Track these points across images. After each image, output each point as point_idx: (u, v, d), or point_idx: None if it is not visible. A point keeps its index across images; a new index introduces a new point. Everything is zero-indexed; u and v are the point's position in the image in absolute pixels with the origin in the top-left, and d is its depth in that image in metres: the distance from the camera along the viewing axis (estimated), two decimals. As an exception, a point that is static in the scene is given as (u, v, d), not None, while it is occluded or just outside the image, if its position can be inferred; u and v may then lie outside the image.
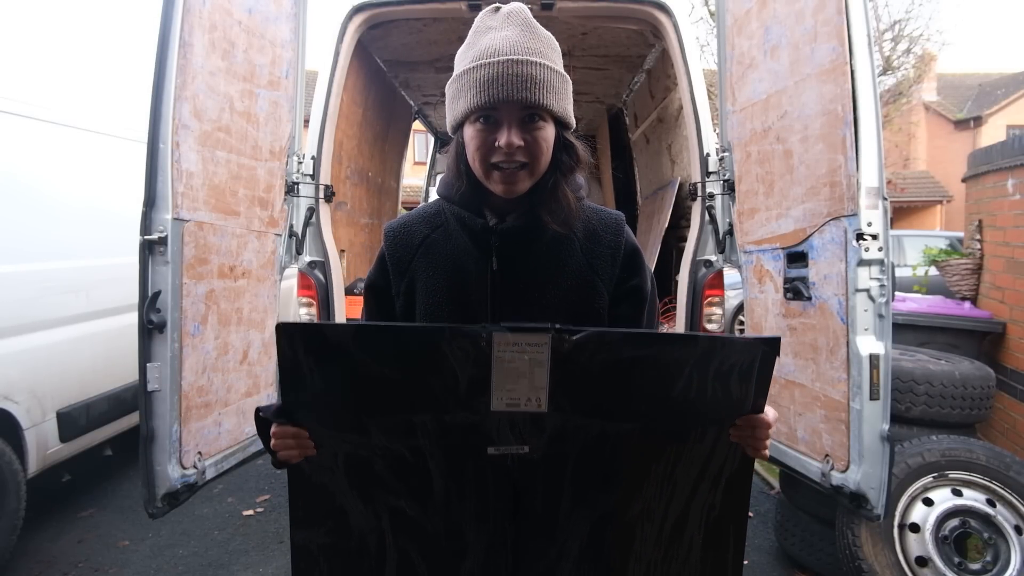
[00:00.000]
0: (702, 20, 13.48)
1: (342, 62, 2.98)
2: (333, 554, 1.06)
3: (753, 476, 1.12)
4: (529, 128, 1.06)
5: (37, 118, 3.14)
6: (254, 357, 2.53)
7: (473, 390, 0.98)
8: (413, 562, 1.05)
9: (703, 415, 1.01)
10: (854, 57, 1.97)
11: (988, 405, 2.69)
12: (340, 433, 1.01)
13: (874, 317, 1.98)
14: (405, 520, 1.04)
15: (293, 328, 0.99)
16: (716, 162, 2.80)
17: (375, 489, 1.03)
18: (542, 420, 0.99)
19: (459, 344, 0.96)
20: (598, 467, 1.03)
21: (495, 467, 1.01)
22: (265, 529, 3.24)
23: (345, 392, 1.00)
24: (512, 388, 0.98)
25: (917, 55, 14.88)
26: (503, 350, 0.96)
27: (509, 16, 1.07)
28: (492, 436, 1.00)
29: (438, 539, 1.05)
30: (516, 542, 1.05)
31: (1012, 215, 3.30)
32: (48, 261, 3.14)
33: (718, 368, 0.97)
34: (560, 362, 0.96)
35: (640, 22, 3.15)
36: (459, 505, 1.03)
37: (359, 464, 1.02)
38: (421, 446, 1.01)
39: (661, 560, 1.06)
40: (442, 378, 0.97)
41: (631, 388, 1.00)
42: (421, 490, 1.03)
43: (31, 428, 2.91)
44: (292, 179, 2.74)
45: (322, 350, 0.98)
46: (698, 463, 1.03)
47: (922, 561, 2.24)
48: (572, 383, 0.98)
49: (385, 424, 1.00)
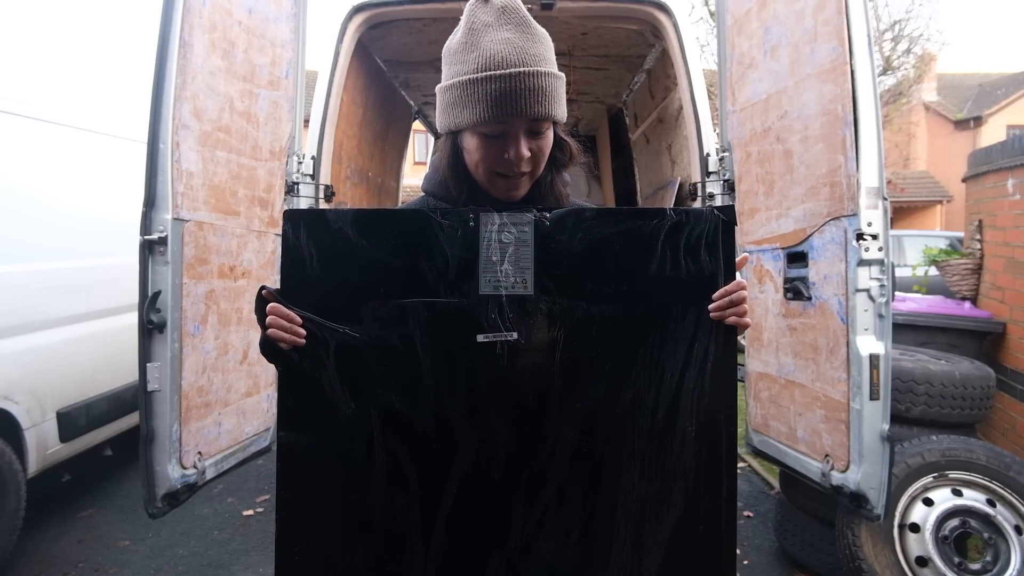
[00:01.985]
0: (702, 20, 13.48)
1: (342, 62, 2.98)
2: (319, 458, 1.05)
3: (756, 477, 1.13)
4: (535, 138, 1.09)
5: (37, 118, 3.14)
6: (254, 357, 2.53)
7: (462, 273, 1.02)
8: (403, 466, 1.03)
9: (681, 294, 1.05)
10: (854, 57, 1.97)
11: (988, 405, 2.69)
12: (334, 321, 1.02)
13: (874, 317, 1.98)
14: (395, 418, 1.03)
15: (298, 214, 1.05)
16: (716, 162, 2.80)
17: (365, 383, 1.03)
18: (528, 304, 1.03)
19: (449, 224, 1.02)
20: (586, 353, 1.05)
21: (484, 357, 1.03)
22: (265, 529, 3.24)
23: (342, 277, 1.03)
24: (499, 270, 1.02)
25: (917, 55, 14.88)
26: (490, 230, 1.02)
27: (504, 11, 1.05)
28: (481, 322, 1.02)
29: (428, 439, 1.04)
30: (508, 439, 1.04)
31: (1012, 215, 3.30)
32: (48, 261, 3.14)
33: (687, 240, 1.03)
34: (543, 243, 1.02)
35: (640, 22, 3.15)
36: (449, 400, 1.04)
37: (350, 355, 1.03)
38: (412, 335, 1.02)
39: (655, 454, 1.06)
40: (433, 261, 1.02)
41: (611, 267, 1.04)
42: (411, 383, 1.03)
43: (31, 428, 2.91)
44: (292, 179, 2.74)
45: (323, 235, 1.02)
46: (683, 346, 1.05)
47: (922, 561, 2.24)
48: (555, 264, 1.03)
49: (378, 312, 1.03)
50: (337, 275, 1.03)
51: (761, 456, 2.64)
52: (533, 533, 1.04)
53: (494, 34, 1.04)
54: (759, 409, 2.57)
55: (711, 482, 1.07)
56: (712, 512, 1.07)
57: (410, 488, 1.03)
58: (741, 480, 3.83)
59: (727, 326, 1.05)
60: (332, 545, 1.06)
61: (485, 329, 1.02)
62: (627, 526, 1.05)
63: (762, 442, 2.55)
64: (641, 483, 1.05)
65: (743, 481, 3.80)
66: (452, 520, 1.03)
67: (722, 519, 1.07)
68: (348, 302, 1.03)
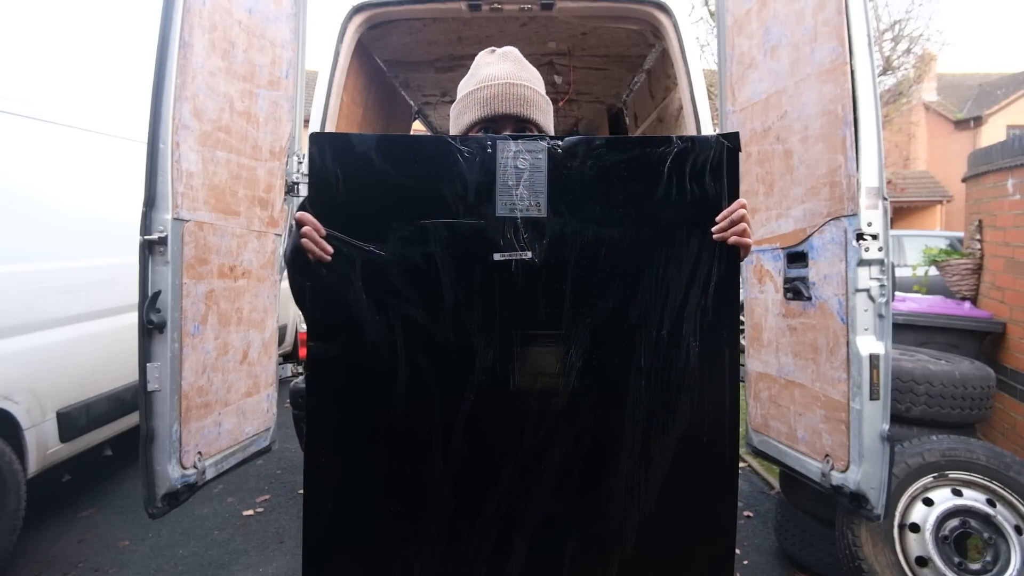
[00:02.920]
0: (702, 20, 13.49)
1: (342, 62, 2.98)
2: (344, 366, 1.11)
3: (756, 477, 1.15)
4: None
5: (37, 118, 3.14)
6: (254, 357, 2.53)
7: (480, 196, 1.09)
8: (423, 373, 1.10)
9: (687, 217, 1.10)
10: (854, 57, 1.97)
11: (988, 405, 2.68)
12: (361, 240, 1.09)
13: (874, 317, 1.98)
14: (416, 330, 1.09)
15: (324, 137, 1.12)
16: (716, 162, 2.80)
17: (389, 298, 1.10)
18: (542, 225, 1.10)
19: (469, 151, 1.09)
20: (595, 271, 1.11)
21: (501, 275, 1.10)
22: (265, 529, 3.24)
23: (366, 199, 1.10)
24: (515, 194, 1.09)
25: (917, 55, 14.86)
26: (506, 157, 1.09)
27: (505, 55, 1.34)
28: (497, 242, 1.09)
29: (447, 350, 1.10)
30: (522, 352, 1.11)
31: (1012, 215, 3.30)
32: (48, 261, 3.14)
33: (692, 166, 1.09)
34: (556, 169, 1.09)
35: (640, 22, 3.15)
36: (467, 315, 1.10)
37: (375, 272, 1.09)
38: (433, 253, 1.09)
39: (661, 368, 1.11)
40: (453, 185, 1.09)
41: (619, 192, 1.11)
42: (432, 299, 1.10)
43: (31, 428, 2.91)
44: (292, 179, 2.74)
45: (348, 158, 1.09)
46: (687, 265, 1.10)
47: (922, 561, 2.24)
48: (568, 189, 1.10)
49: (401, 231, 1.09)
50: (362, 196, 1.10)
51: (761, 456, 2.64)
52: (545, 442, 1.10)
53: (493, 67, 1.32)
54: (759, 409, 2.57)
55: (715, 396, 1.12)
56: (716, 424, 1.12)
57: (430, 397, 1.10)
58: (741, 480, 3.83)
59: (730, 248, 1.10)
60: (358, 450, 1.12)
61: (501, 248, 1.10)
62: (634, 436, 1.11)
63: (762, 442, 2.55)
64: (648, 395, 1.11)
65: (743, 481, 3.80)
66: (469, 428, 1.10)
67: (725, 432, 1.12)
68: (373, 222, 1.09)
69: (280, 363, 2.77)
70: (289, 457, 4.05)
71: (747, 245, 1.11)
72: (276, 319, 2.65)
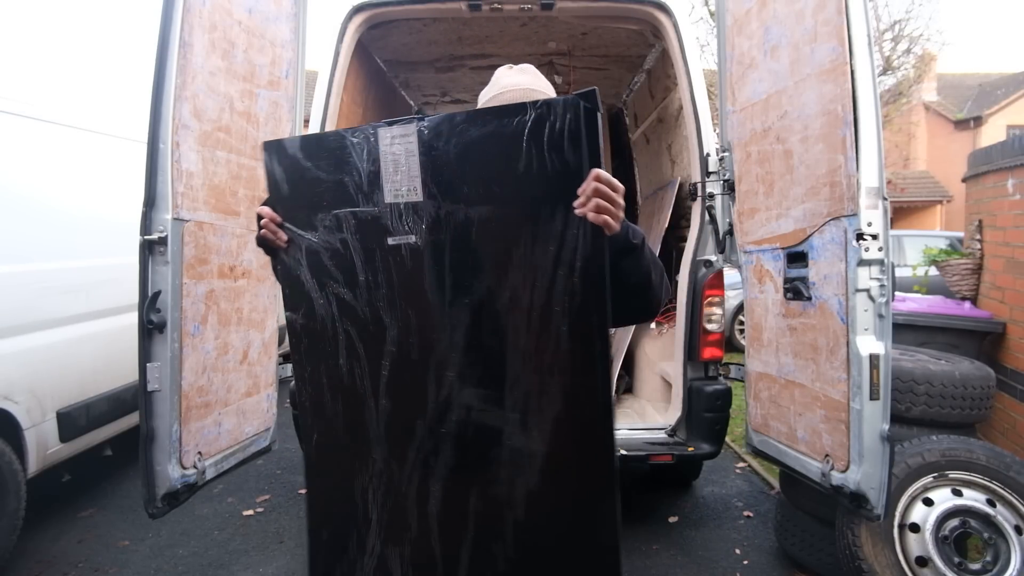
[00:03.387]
0: (702, 20, 13.47)
1: (342, 62, 2.98)
2: (307, 333, 1.29)
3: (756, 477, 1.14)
4: None
5: (37, 118, 3.14)
6: (254, 357, 2.53)
7: (372, 185, 1.16)
8: (354, 342, 1.25)
9: (549, 191, 1.08)
10: (854, 57, 1.97)
11: (988, 405, 2.68)
12: (302, 231, 1.24)
13: (874, 317, 1.98)
14: (345, 306, 1.24)
15: (271, 144, 1.26)
16: (716, 162, 2.80)
17: (324, 278, 1.25)
18: (420, 209, 1.15)
19: (358, 140, 1.16)
20: (468, 253, 1.15)
21: (395, 257, 1.18)
22: (265, 529, 3.24)
23: (299, 194, 1.24)
24: (396, 180, 1.15)
25: (917, 55, 14.87)
26: (386, 143, 1.14)
27: (523, 69, 1.44)
28: (390, 227, 1.17)
29: (367, 323, 1.23)
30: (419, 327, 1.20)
31: (1012, 215, 3.30)
32: (48, 261, 3.14)
33: (551, 136, 1.06)
34: (427, 151, 1.12)
35: (640, 22, 3.15)
36: (375, 292, 1.21)
37: (314, 256, 1.24)
38: (347, 239, 1.21)
39: (534, 351, 1.14)
40: (352, 176, 1.18)
41: (483, 169, 1.12)
42: (350, 279, 1.22)
43: (31, 428, 2.91)
44: (292, 179, 2.74)
45: (285, 160, 1.24)
46: (553, 245, 1.08)
47: (922, 561, 2.24)
48: (437, 170, 1.12)
49: (324, 220, 1.22)
50: (297, 192, 1.24)
51: (761, 456, 2.64)
52: (443, 408, 1.20)
53: (511, 78, 1.41)
54: (759, 409, 2.57)
55: (587, 381, 1.12)
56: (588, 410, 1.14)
57: (360, 362, 1.25)
58: (741, 480, 3.84)
59: (595, 225, 1.05)
60: (323, 396, 1.30)
61: (393, 233, 1.17)
62: (515, 412, 1.15)
63: (762, 442, 2.55)
64: (525, 376, 1.15)
65: (743, 481, 3.80)
66: (388, 391, 1.24)
67: (598, 420, 1.14)
68: (307, 213, 1.23)
69: (280, 363, 2.77)
70: (289, 457, 4.05)
71: (605, 223, 1.04)
72: (276, 319, 2.65)
